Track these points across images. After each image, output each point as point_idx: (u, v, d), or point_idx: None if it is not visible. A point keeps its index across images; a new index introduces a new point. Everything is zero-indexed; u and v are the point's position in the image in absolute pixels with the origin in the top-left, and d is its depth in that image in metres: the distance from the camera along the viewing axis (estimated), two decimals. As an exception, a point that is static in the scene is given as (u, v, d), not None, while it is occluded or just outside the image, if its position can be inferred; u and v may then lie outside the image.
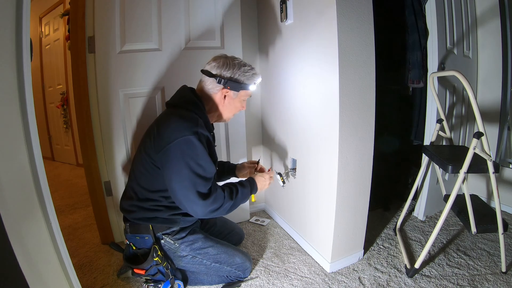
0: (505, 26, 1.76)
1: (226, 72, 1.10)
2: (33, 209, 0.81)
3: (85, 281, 1.31)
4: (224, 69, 1.10)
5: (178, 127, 1.01)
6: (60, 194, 2.48)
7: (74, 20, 1.38)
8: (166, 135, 1.01)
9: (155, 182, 1.10)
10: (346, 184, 1.27)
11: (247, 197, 1.17)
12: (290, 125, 1.57)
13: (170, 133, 1.00)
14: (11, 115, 0.75)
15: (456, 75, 1.19)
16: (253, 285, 1.29)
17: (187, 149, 0.99)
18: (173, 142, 0.99)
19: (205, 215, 1.04)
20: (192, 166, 1.00)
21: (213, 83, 1.11)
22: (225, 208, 1.07)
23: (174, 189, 1.02)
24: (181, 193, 1.01)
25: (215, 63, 1.12)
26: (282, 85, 1.60)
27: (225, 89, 1.11)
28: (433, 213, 1.88)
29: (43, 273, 0.82)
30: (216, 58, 1.14)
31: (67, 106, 3.22)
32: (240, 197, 1.13)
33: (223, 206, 1.06)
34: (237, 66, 1.11)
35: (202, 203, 1.01)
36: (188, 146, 0.99)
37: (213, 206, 1.03)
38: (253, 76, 1.14)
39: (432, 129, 1.63)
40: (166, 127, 1.03)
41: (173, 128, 1.01)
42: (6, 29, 0.72)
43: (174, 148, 0.99)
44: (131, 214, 1.14)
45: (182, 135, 0.99)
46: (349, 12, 1.13)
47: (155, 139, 1.04)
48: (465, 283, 1.24)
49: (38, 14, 3.32)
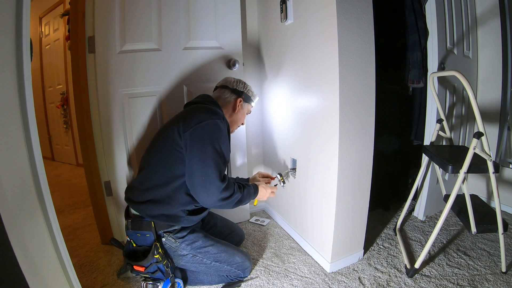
0: (505, 26, 1.76)
1: (241, 87, 1.33)
2: (33, 209, 0.81)
3: (85, 281, 1.31)
4: (239, 85, 1.33)
5: (207, 113, 1.14)
6: (60, 194, 2.48)
7: (74, 20, 1.38)
8: (196, 117, 1.11)
9: (173, 168, 1.12)
10: (346, 184, 1.27)
11: (251, 196, 1.24)
12: (290, 124, 1.57)
13: (200, 116, 1.12)
14: (11, 115, 0.75)
15: (456, 75, 1.19)
16: (253, 285, 1.29)
17: (215, 130, 1.10)
18: (202, 123, 1.09)
19: (214, 201, 1.09)
20: (217, 147, 1.09)
21: (230, 93, 1.31)
22: (234, 200, 1.14)
23: (195, 169, 1.08)
24: (201, 172, 1.07)
25: (230, 79, 1.34)
26: (282, 85, 1.60)
27: (240, 98, 1.31)
28: (433, 213, 1.88)
29: (43, 273, 0.82)
30: (228, 78, 1.37)
31: (67, 106, 3.22)
32: (246, 194, 1.20)
33: (232, 197, 1.12)
34: (245, 85, 1.36)
35: (219, 185, 1.08)
36: (216, 128, 1.11)
37: (225, 193, 1.09)
38: (255, 95, 1.39)
39: (432, 129, 1.63)
40: (195, 113, 1.14)
41: (203, 113, 1.13)
42: (6, 29, 0.72)
43: (202, 128, 1.09)
44: (136, 205, 1.15)
45: (211, 118, 1.11)
46: (349, 12, 1.13)
47: (182, 124, 1.11)
48: (465, 283, 1.24)
49: (38, 14, 3.32)
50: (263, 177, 1.48)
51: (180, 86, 1.54)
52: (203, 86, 1.57)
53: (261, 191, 1.30)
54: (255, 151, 1.96)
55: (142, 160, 1.23)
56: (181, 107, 1.54)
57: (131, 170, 1.53)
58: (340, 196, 1.27)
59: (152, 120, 1.52)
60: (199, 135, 1.08)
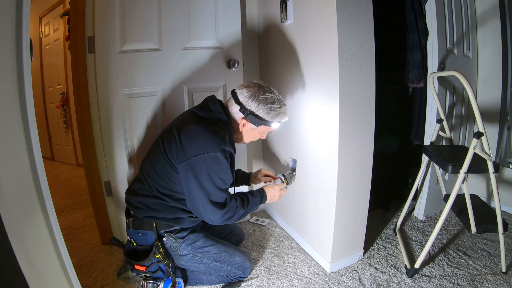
0: (505, 26, 1.76)
1: (251, 104, 1.09)
2: (33, 209, 0.81)
3: (85, 281, 1.31)
4: (251, 100, 1.09)
5: (207, 142, 1.02)
6: (60, 194, 2.48)
7: (74, 20, 1.38)
8: (193, 147, 1.02)
9: (171, 185, 1.11)
10: (346, 184, 1.27)
11: (257, 206, 1.21)
12: (290, 125, 1.57)
13: (198, 146, 1.01)
14: (11, 115, 0.75)
15: (456, 75, 1.19)
16: (253, 285, 1.29)
17: (213, 164, 1.02)
18: (200, 156, 1.00)
19: (219, 223, 1.08)
20: (215, 181, 1.03)
21: (237, 109, 1.11)
22: (237, 216, 1.12)
23: (194, 198, 1.06)
24: (200, 203, 1.05)
25: (245, 90, 1.11)
26: (282, 85, 1.60)
27: (244, 119, 1.12)
28: (433, 213, 1.88)
29: (43, 273, 0.82)
30: (249, 85, 1.12)
31: (67, 106, 3.22)
32: (251, 206, 1.18)
33: (236, 215, 1.11)
34: (263, 101, 1.08)
35: (219, 213, 1.06)
36: (215, 162, 1.02)
37: (227, 215, 1.08)
38: (278, 115, 1.12)
39: (432, 129, 1.63)
40: (192, 138, 1.03)
41: (201, 142, 1.02)
42: (6, 29, 0.72)
43: (199, 161, 1.01)
44: (136, 210, 1.15)
45: (210, 151, 1.01)
46: (349, 12, 1.13)
47: (178, 148, 1.04)
48: (465, 283, 1.24)
49: (38, 14, 3.31)
50: (265, 176, 1.44)
51: (180, 86, 1.54)
52: (203, 86, 1.58)
53: (269, 193, 1.25)
54: (255, 151, 1.96)
55: (142, 166, 1.20)
56: (181, 107, 1.54)
57: (131, 170, 1.53)
58: (340, 196, 1.26)
59: (152, 120, 1.52)
60: (196, 169, 1.01)
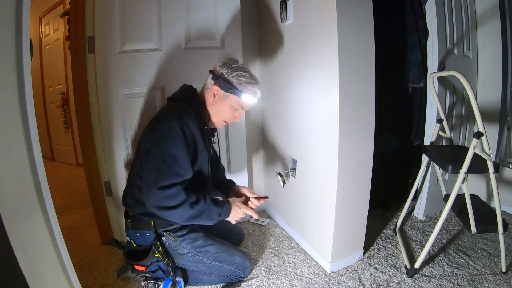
0: (505, 26, 1.75)
1: (224, 70, 1.12)
2: (33, 209, 0.81)
3: (85, 281, 1.31)
4: (222, 68, 1.13)
5: (166, 114, 1.07)
6: (60, 194, 2.48)
7: (74, 20, 1.38)
8: (154, 121, 1.09)
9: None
10: (346, 184, 1.27)
11: (212, 218, 1.08)
12: (290, 124, 1.57)
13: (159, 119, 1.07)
14: (11, 115, 0.75)
15: (456, 75, 1.18)
16: (253, 285, 1.29)
17: (166, 133, 1.01)
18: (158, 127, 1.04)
19: (151, 206, 0.98)
20: (165, 151, 1.00)
21: (209, 78, 1.16)
22: (179, 214, 1.00)
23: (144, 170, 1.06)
24: (145, 173, 1.05)
25: (221, 63, 1.16)
26: (282, 85, 1.60)
27: (216, 86, 1.11)
28: (433, 213, 1.88)
29: (43, 273, 0.82)
30: (224, 60, 1.19)
31: (67, 106, 3.22)
32: (204, 215, 1.04)
33: (177, 209, 0.98)
34: (233, 68, 1.11)
35: (157, 192, 0.96)
36: (168, 130, 1.01)
37: (166, 202, 0.97)
38: (246, 84, 1.10)
39: (432, 129, 1.63)
40: (157, 116, 1.11)
41: (163, 114, 1.09)
42: (6, 29, 0.72)
43: (155, 132, 1.05)
44: (133, 209, 1.15)
45: (166, 120, 1.04)
46: (349, 12, 1.13)
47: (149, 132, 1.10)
48: (465, 283, 1.24)
49: (38, 14, 3.32)
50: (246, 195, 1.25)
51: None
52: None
53: (234, 211, 1.14)
54: (255, 151, 1.96)
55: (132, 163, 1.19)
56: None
57: (131, 170, 1.54)
58: (340, 196, 1.26)
59: (152, 120, 1.52)
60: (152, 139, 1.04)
